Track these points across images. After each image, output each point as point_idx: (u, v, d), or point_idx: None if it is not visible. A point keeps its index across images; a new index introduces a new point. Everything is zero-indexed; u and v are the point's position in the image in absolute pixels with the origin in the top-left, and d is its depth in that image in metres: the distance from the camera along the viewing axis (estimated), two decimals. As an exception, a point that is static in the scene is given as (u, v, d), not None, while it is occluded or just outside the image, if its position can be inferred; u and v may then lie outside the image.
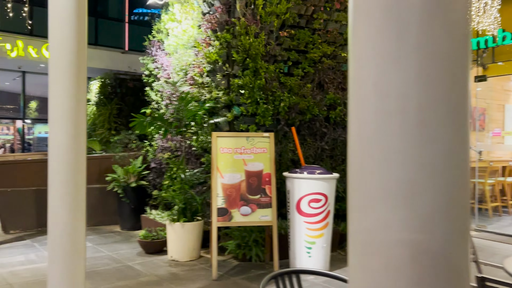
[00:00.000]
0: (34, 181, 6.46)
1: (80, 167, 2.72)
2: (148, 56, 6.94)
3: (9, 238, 5.95)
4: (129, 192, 6.52)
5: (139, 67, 13.47)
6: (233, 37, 5.29)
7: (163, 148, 6.49)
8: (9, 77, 15.23)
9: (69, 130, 2.71)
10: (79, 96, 2.79)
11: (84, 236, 2.90)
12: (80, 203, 2.79)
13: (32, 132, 18.90)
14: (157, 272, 4.48)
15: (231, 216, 4.44)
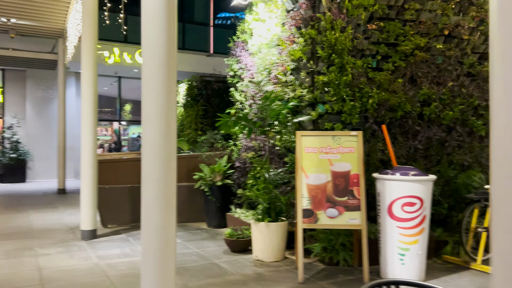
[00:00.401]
0: (129, 178, 6.87)
1: (170, 166, 2.77)
2: (232, 57, 7.03)
3: (107, 232, 6.38)
4: (215, 191, 6.66)
5: (223, 69, 13.81)
6: (318, 33, 5.13)
7: (247, 147, 6.52)
8: (107, 83, 16.52)
9: (160, 130, 2.77)
10: (170, 98, 2.84)
11: (174, 233, 2.96)
12: (171, 200, 2.84)
13: (127, 133, 20.27)
14: (243, 271, 4.48)
15: (317, 218, 4.29)
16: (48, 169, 14.92)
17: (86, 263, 4.77)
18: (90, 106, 5.94)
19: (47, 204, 9.28)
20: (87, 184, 5.90)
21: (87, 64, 5.97)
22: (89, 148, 5.93)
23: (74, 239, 5.93)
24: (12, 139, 14.41)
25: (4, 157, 14.17)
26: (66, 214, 7.95)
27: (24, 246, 5.47)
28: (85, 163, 5.92)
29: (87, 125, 5.94)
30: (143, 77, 2.88)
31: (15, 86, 14.90)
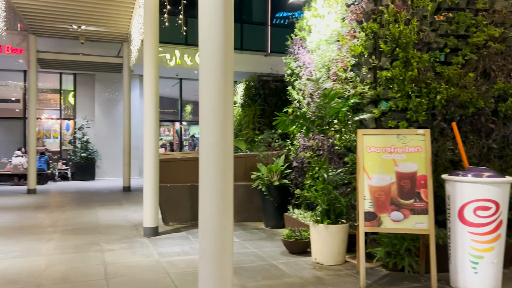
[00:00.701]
0: (189, 177, 6.99)
1: (227, 165, 2.73)
2: (290, 55, 6.93)
3: (168, 229, 6.54)
4: (272, 190, 6.59)
5: (280, 68, 13.69)
6: (380, 26, 4.89)
7: (305, 147, 6.39)
8: (169, 84, 17.07)
9: (217, 130, 2.75)
10: (226, 98, 2.81)
11: (231, 233, 2.92)
12: (228, 200, 2.81)
13: (188, 133, 20.81)
14: (301, 274, 4.37)
15: (380, 221, 4.07)
16: (114, 168, 15.68)
17: (147, 259, 4.89)
18: (152, 107, 6.11)
19: (113, 201, 9.73)
20: (149, 182, 6.08)
21: (149, 66, 6.15)
22: (151, 148, 6.10)
23: (137, 235, 6.13)
24: (82, 139, 15.33)
25: (76, 156, 15.11)
26: (130, 211, 8.27)
27: (92, 241, 5.74)
28: (147, 163, 6.10)
29: (149, 126, 6.11)
30: (200, 78, 2.87)
31: (85, 89, 15.84)
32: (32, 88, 11.18)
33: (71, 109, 16.02)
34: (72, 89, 15.86)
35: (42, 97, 16.38)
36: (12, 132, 15.33)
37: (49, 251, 5.24)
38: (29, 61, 11.18)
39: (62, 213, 7.99)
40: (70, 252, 5.18)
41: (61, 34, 11.69)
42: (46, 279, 4.17)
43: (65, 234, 6.20)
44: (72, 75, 15.71)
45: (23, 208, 8.58)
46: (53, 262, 4.76)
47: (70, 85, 15.85)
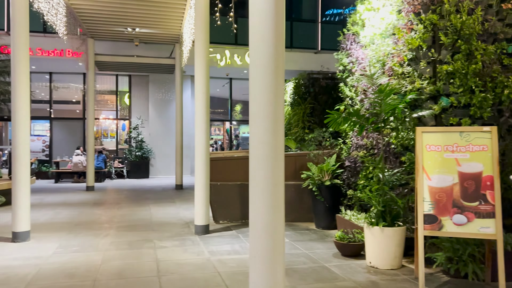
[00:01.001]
0: (239, 176, 6.98)
1: (278, 164, 2.64)
2: (342, 51, 6.72)
3: (218, 228, 6.57)
4: (323, 191, 6.43)
5: (331, 65, 13.40)
6: (440, 17, 4.59)
7: (358, 145, 6.17)
8: (219, 84, 17.28)
9: (267, 128, 2.67)
10: (277, 96, 2.72)
11: (283, 233, 2.83)
12: (279, 199, 2.72)
13: (238, 132, 20.97)
14: (355, 278, 4.19)
15: (441, 224, 3.81)
16: (167, 166, 16.10)
17: (198, 258, 4.91)
18: (203, 107, 6.15)
19: (166, 199, 9.96)
20: (200, 181, 6.13)
21: (200, 67, 6.19)
22: (202, 147, 6.15)
23: (189, 233, 6.20)
24: (137, 139, 15.87)
25: (131, 155, 15.67)
26: (182, 209, 8.41)
27: (145, 238, 5.87)
28: (198, 161, 6.15)
29: (200, 125, 6.16)
30: (251, 76, 2.81)
31: (139, 90, 16.39)
32: (90, 90, 11.71)
33: (126, 110, 16.64)
34: (127, 90, 16.47)
35: (100, 98, 17.16)
36: (73, 132, 16.17)
37: (105, 246, 5.41)
38: (88, 63, 11.72)
39: (118, 210, 8.28)
40: (125, 248, 5.32)
41: (117, 37, 12.14)
42: (102, 274, 4.30)
43: (120, 230, 6.39)
44: (127, 76, 16.31)
45: (82, 204, 8.99)
46: (109, 257, 4.91)
47: (125, 86, 16.47)
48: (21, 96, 5.59)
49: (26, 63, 5.68)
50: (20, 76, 5.60)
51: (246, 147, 19.29)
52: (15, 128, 5.52)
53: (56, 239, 5.78)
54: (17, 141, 5.52)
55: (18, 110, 5.55)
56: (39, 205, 8.91)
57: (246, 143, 19.65)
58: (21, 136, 5.54)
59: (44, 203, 9.23)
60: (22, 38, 5.63)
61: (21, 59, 5.61)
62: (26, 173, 5.59)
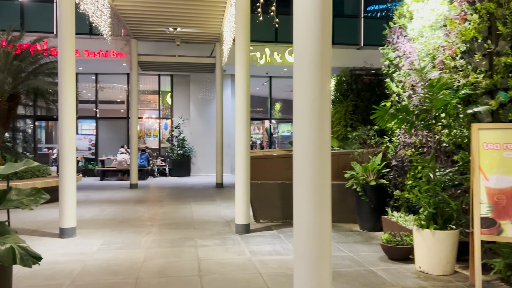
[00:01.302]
0: (280, 175, 6.86)
1: (324, 162, 2.50)
2: (388, 45, 6.44)
3: (259, 227, 6.47)
4: (368, 191, 6.18)
5: (374, 61, 13.03)
6: (498, 5, 4.26)
7: (405, 144, 5.89)
8: (259, 83, 17.22)
9: (313, 123, 2.52)
10: (324, 90, 2.57)
11: (330, 237, 2.69)
12: (325, 200, 2.58)
13: (277, 131, 20.84)
14: (404, 283, 3.96)
15: (500, 229, 3.52)
16: (208, 165, 16.24)
17: (239, 257, 4.84)
18: (244, 105, 6.08)
19: (207, 197, 10.00)
20: (241, 180, 6.06)
21: (240, 65, 6.12)
22: (242, 145, 6.08)
23: (229, 232, 6.15)
24: (179, 137, 16.11)
25: (173, 153, 15.92)
26: (223, 207, 8.40)
27: (186, 236, 5.87)
28: (239, 160, 6.08)
29: (240, 124, 6.09)
30: (296, 71, 2.67)
31: (181, 89, 16.62)
32: (134, 89, 11.97)
33: (168, 109, 16.92)
34: (169, 90, 16.74)
35: (143, 98, 17.56)
36: (118, 131, 16.64)
37: (147, 244, 5.45)
38: (131, 64, 11.97)
39: (160, 208, 8.38)
40: (166, 246, 5.33)
41: (159, 37, 12.34)
42: (144, 272, 4.31)
43: (162, 228, 6.44)
44: (169, 76, 16.58)
45: (125, 202, 9.18)
46: (151, 255, 4.93)
47: (167, 86, 16.75)
48: (68, 96, 5.74)
49: (72, 64, 5.82)
50: (66, 77, 5.75)
51: (286, 145, 19.13)
52: (62, 127, 5.68)
53: (101, 235, 5.89)
54: (64, 140, 5.67)
55: (65, 110, 5.70)
56: (85, 202, 9.18)
57: (286, 142, 19.48)
58: (67, 135, 5.68)
59: (90, 200, 9.50)
60: (68, 39, 5.78)
61: (68, 60, 5.76)
62: (72, 171, 5.74)
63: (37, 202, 2.52)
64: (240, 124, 6.08)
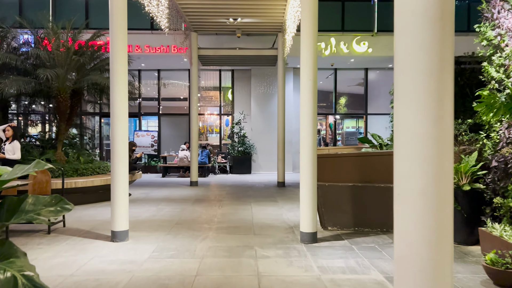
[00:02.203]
0: (351, 176, 6.04)
1: (445, 165, 1.71)
2: (485, 22, 5.36)
3: (327, 236, 5.70)
4: (460, 197, 5.18)
5: (457, 47, 11.54)
6: None
7: (509, 141, 4.82)
8: (323, 76, 16.29)
9: (428, 113, 1.73)
10: (445, 59, 1.77)
11: (451, 254, 1.88)
12: (446, 217, 1.78)
13: (341, 127, 19.77)
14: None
15: None
16: (269, 162, 15.64)
17: (306, 275, 4.11)
18: (310, 98, 5.33)
19: (268, 197, 9.37)
20: (306, 181, 5.33)
21: (307, 51, 5.37)
22: (308, 143, 5.34)
23: (293, 240, 5.44)
24: (239, 134, 15.65)
25: (234, 150, 15.50)
26: (285, 210, 7.71)
27: (245, 244, 5.25)
28: (304, 159, 5.35)
29: (306, 119, 5.35)
30: (399, 35, 1.89)
31: (242, 84, 16.14)
32: (194, 84, 11.61)
33: (229, 105, 16.53)
34: (230, 86, 16.34)
35: (205, 95, 17.34)
36: (180, 128, 16.54)
37: (202, 251, 4.90)
38: (191, 58, 11.63)
39: (219, 208, 7.87)
40: (223, 256, 4.74)
41: (219, 29, 11.89)
42: (196, 289, 3.74)
43: (220, 232, 5.89)
44: (230, 71, 16.17)
45: (184, 201, 8.79)
46: (205, 266, 4.35)
47: (228, 82, 16.35)
48: (119, 92, 5.33)
49: (123, 57, 5.39)
50: (118, 73, 5.33)
51: (351, 142, 18.00)
52: (113, 124, 5.29)
53: (154, 239, 5.45)
54: (116, 137, 5.28)
55: (116, 105, 5.31)
56: (144, 200, 8.93)
57: (351, 138, 18.34)
58: (119, 131, 5.29)
59: (148, 198, 9.25)
60: (120, 33, 5.35)
61: (119, 54, 5.34)
62: (124, 170, 5.33)
63: (58, 214, 2.00)
64: (306, 119, 5.34)
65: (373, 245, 5.23)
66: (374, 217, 5.96)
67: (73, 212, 7.44)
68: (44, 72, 7.90)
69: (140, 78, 16.15)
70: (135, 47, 13.36)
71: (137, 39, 13.40)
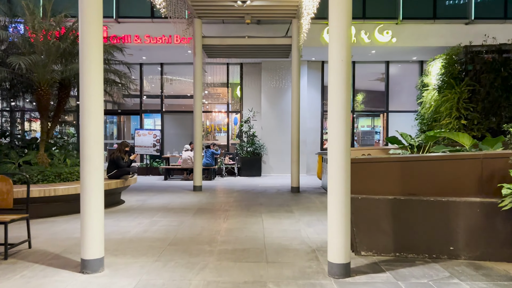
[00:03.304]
0: (391, 187, 4.73)
1: None
2: None
3: (361, 264, 4.40)
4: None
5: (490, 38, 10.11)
6: None
7: None
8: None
9: None
10: None
11: None
12: None
13: (356, 126, 18.50)
14: None
15: None
16: (281, 164, 14.36)
17: (346, 338, 2.83)
18: (342, 87, 4.01)
19: (281, 206, 8.09)
20: (337, 195, 4.01)
21: (338, 26, 4.03)
22: (339, 145, 4.03)
23: (319, 272, 4.15)
24: (249, 133, 14.38)
25: (242, 150, 14.23)
26: (303, 224, 6.42)
27: (255, 278, 3.97)
28: (334, 166, 4.04)
29: (337, 114, 4.03)
30: None
31: (251, 79, 14.87)
32: (198, 77, 10.34)
33: (238, 102, 15.27)
34: (238, 82, 15.08)
35: (212, 91, 16.11)
36: (185, 126, 15.31)
37: (198, 291, 3.64)
38: (195, 47, 10.37)
39: (224, 221, 6.61)
40: (226, 299, 3.47)
41: (226, 15, 10.64)
42: None
43: (223, 258, 4.62)
44: (238, 65, 14.91)
45: (184, 210, 7.55)
46: (200, 320, 3.09)
47: (237, 77, 15.08)
48: (91, 82, 4.04)
49: (97, 39, 4.07)
50: (88, 57, 4.02)
51: (367, 142, 16.61)
52: (83, 122, 4.01)
53: (137, 270, 4.19)
54: (86, 139, 4.00)
55: (87, 99, 4.02)
56: (138, 209, 7.70)
57: (367, 138, 16.93)
58: (91, 132, 4.01)
59: (144, 206, 8.02)
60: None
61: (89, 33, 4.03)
62: (98, 179, 4.06)
63: None
64: (336, 112, 4.04)
65: (425, 280, 3.92)
66: (421, 239, 4.65)
67: (49, 226, 6.23)
68: (16, 59, 6.66)
69: (142, 72, 14.96)
70: (134, 37, 12.16)
71: (136, 28, 12.20)
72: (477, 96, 9.18)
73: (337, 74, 4.03)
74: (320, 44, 12.20)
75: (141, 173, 14.31)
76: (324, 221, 6.57)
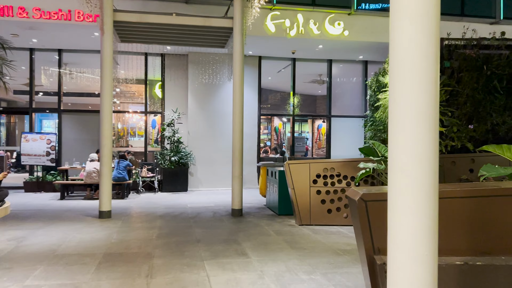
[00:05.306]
0: (453, 243, 2.71)
1: None
2: None
3: None
4: None
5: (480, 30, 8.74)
6: None
7: None
8: (274, 69, 13.02)
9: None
10: None
11: None
12: None
13: (287, 131, 16.90)
14: None
15: None
16: (212, 176, 12.03)
17: None
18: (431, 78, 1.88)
19: (228, 242, 5.77)
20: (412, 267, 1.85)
21: None
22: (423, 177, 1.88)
23: None
24: (172, 139, 11.82)
25: (164, 160, 11.62)
26: (268, 277, 4.19)
27: None
28: (408, 217, 1.88)
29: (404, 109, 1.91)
30: None
31: (175, 74, 12.35)
32: (106, 62, 7.60)
33: (159, 102, 12.63)
34: (159, 78, 12.46)
35: (126, 89, 13.30)
36: (91, 129, 12.28)
37: None
38: (103, 24, 7.63)
39: (146, 279, 4.13)
40: None
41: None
42: None
43: None
44: (159, 56, 12.29)
45: (83, 260, 4.91)
46: None
47: (157, 71, 12.44)
48: None
49: None
50: None
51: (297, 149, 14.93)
52: None
53: None
54: None
55: None
56: (5, 260, 4.88)
57: (298, 144, 15.26)
58: None
59: (17, 253, 5.19)
60: None
61: None
62: None
63: None
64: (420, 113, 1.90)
65: None
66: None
67: None
68: None
69: (32, 60, 11.66)
70: (18, 9, 9.02)
71: (20, -4, 9.07)
72: (457, 98, 7.72)
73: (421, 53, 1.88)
74: (263, 33, 10.11)
75: (29, 189, 11.01)
76: (299, 273, 4.41)
